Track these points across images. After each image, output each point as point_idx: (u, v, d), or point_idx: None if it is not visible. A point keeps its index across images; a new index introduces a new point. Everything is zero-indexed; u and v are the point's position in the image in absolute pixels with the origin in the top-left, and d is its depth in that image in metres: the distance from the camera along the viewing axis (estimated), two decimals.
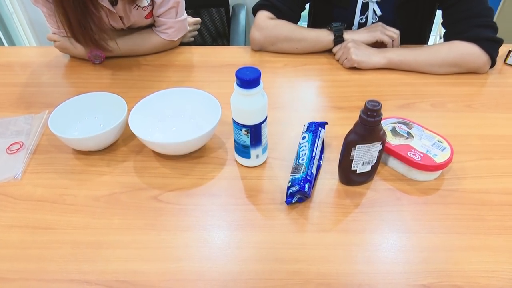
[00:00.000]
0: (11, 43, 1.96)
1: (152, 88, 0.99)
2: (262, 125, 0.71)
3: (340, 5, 1.14)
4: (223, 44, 1.69)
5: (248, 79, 0.65)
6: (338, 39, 1.08)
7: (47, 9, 1.00)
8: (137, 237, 0.65)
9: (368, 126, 0.64)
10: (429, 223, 0.67)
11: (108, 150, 0.82)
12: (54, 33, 1.09)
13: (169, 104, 0.85)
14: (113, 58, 1.12)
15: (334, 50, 1.09)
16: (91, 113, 0.87)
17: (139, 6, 1.05)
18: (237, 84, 0.66)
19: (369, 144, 0.67)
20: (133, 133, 0.75)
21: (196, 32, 1.31)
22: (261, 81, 0.67)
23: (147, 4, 1.06)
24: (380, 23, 1.09)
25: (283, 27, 1.11)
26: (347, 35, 1.08)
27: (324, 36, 1.09)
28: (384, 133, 0.68)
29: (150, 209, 0.70)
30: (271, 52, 1.14)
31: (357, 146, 0.67)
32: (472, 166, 0.77)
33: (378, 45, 1.08)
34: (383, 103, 0.62)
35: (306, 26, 1.35)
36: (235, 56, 1.14)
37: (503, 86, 1.00)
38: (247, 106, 0.68)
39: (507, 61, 1.07)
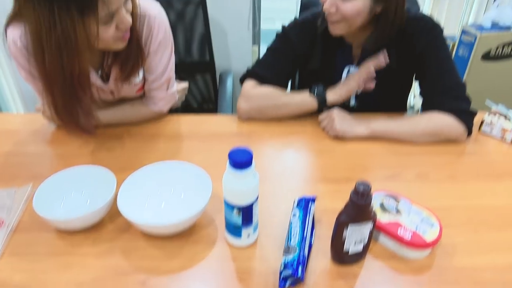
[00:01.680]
0: None
1: (141, 158, 0.99)
2: (254, 205, 0.71)
3: (327, 77, 1.18)
4: (210, 109, 1.72)
5: (241, 161, 0.65)
6: (322, 103, 1.11)
7: (38, 86, 0.99)
8: None
9: (359, 208, 0.65)
10: None
11: (94, 227, 0.80)
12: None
13: (159, 178, 0.85)
14: (100, 128, 1.12)
15: (320, 118, 1.12)
16: (78, 187, 0.85)
17: (131, 82, 1.07)
18: (230, 165, 0.67)
19: (360, 224, 0.67)
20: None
21: (183, 98, 1.33)
22: (253, 161, 0.67)
23: (139, 80, 1.08)
24: (351, 75, 1.13)
25: (267, 94, 1.14)
26: (329, 96, 1.11)
27: (308, 101, 1.12)
28: (375, 213, 0.69)
29: None
30: (258, 120, 1.16)
31: (349, 226, 0.67)
32: (461, 241, 0.78)
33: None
34: (369, 173, 0.64)
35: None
36: (223, 125, 1.16)
37: (480, 155, 1.04)
38: (239, 186, 0.68)
39: (482, 130, 1.12)
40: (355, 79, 1.11)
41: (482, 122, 1.12)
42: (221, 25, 1.89)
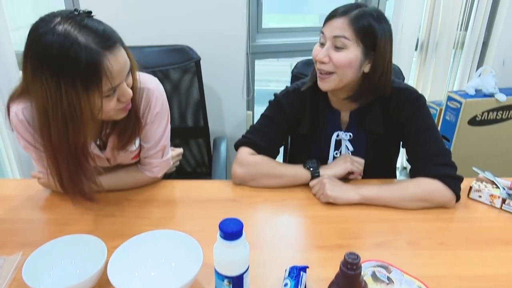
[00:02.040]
0: None
1: (133, 225, 0.99)
2: (244, 275, 0.71)
3: (317, 142, 1.24)
4: (203, 173, 1.75)
5: (231, 231, 0.67)
6: (315, 176, 1.15)
7: (36, 155, 1.03)
8: None
9: (349, 279, 0.66)
10: None
11: None
12: (40, 172, 1.11)
13: (150, 247, 0.85)
14: (96, 193, 1.13)
15: (311, 184, 1.15)
16: (68, 256, 0.85)
17: (127, 150, 1.11)
18: (220, 236, 0.68)
19: None
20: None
21: (178, 163, 1.36)
22: (243, 232, 0.69)
23: (135, 148, 1.12)
24: (347, 155, 1.20)
25: (263, 164, 1.18)
26: (322, 170, 1.16)
27: (302, 174, 1.16)
28: (366, 284, 0.69)
29: None
30: (252, 186, 1.18)
31: None
32: None
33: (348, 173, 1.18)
34: (360, 240, 0.65)
35: (282, 154, 1.45)
36: (216, 190, 1.18)
37: (470, 221, 1.06)
38: (230, 256, 0.69)
39: (470, 196, 1.15)
40: (350, 162, 1.17)
41: (470, 188, 1.15)
42: (216, 92, 1.98)
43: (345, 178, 1.19)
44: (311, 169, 1.15)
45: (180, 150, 1.36)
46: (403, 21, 2.11)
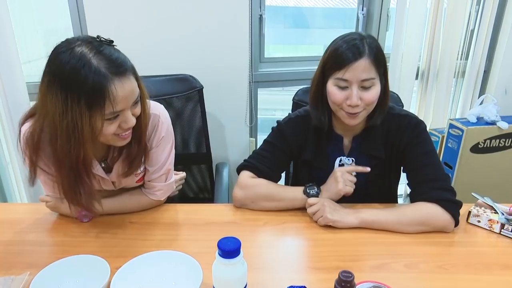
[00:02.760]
0: (3, 196, 2.02)
1: (136, 247, 1.02)
2: None
3: (320, 167, 1.27)
4: (206, 198, 1.78)
5: (229, 249, 0.69)
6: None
7: (44, 177, 1.08)
8: None
9: None
10: None
11: None
12: (47, 195, 1.15)
13: (152, 267, 0.88)
14: (101, 216, 1.17)
15: (310, 202, 1.14)
16: (73, 276, 0.87)
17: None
18: (219, 254, 0.70)
19: None
20: None
21: (180, 187, 1.39)
22: (241, 250, 0.71)
23: (140, 171, 1.16)
24: (339, 169, 1.18)
25: (262, 186, 1.21)
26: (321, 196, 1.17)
27: (300, 199, 1.18)
28: None
29: None
30: (252, 209, 1.21)
31: None
32: None
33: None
34: (358, 263, 0.66)
35: (284, 178, 1.47)
36: (218, 214, 1.21)
37: (469, 246, 1.06)
38: (228, 274, 0.71)
39: (469, 221, 1.16)
40: (342, 182, 1.15)
41: (469, 213, 1.16)
42: (219, 119, 2.03)
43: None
44: (310, 195, 1.17)
45: (183, 174, 1.39)
46: (403, 51, 2.16)
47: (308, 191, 1.17)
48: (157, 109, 1.13)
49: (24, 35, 1.90)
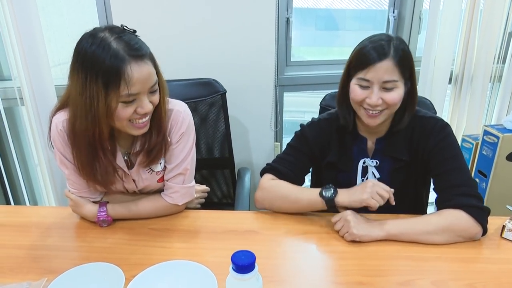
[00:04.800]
0: (33, 198, 2.09)
1: (153, 254, 1.01)
2: None
3: (344, 170, 1.24)
4: (228, 203, 1.76)
5: (243, 264, 0.67)
6: (331, 205, 1.12)
7: (69, 171, 1.11)
8: None
9: None
10: None
11: None
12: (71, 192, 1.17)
13: (166, 277, 0.86)
14: (119, 221, 1.17)
15: (333, 220, 1.11)
16: (88, 283, 0.87)
17: (152, 170, 1.15)
18: (233, 269, 0.68)
19: None
20: None
21: (203, 200, 1.37)
22: (255, 265, 0.68)
23: (161, 169, 1.16)
24: (372, 181, 1.11)
25: (280, 188, 1.19)
26: (339, 197, 1.11)
27: (317, 201, 1.13)
28: None
29: None
30: (273, 214, 1.18)
31: None
32: None
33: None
34: (382, 278, 0.62)
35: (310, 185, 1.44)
36: (238, 221, 1.19)
37: (502, 263, 0.99)
38: None
39: (503, 235, 1.08)
40: (370, 193, 1.08)
41: (503, 227, 1.09)
42: (243, 123, 2.01)
43: (362, 209, 1.12)
44: (326, 197, 1.12)
45: (205, 187, 1.38)
46: (435, 54, 2.08)
47: (324, 193, 1.13)
48: (179, 105, 1.14)
49: (55, 39, 1.96)
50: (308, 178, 1.40)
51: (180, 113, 1.13)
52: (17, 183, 2.03)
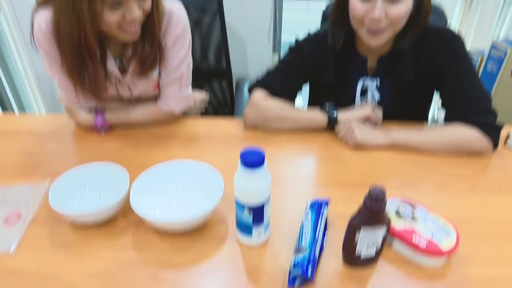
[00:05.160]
0: (21, 107, 2.02)
1: (155, 159, 1.00)
2: (265, 204, 0.70)
3: (342, 90, 1.18)
4: (225, 113, 1.73)
5: (253, 160, 0.65)
6: (332, 121, 1.10)
7: (59, 76, 1.04)
8: None
9: (372, 212, 0.64)
10: None
11: (108, 223, 0.80)
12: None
13: (171, 177, 0.85)
14: (118, 129, 1.14)
15: (337, 130, 1.10)
16: (93, 183, 0.86)
17: (148, 77, 1.10)
18: (241, 164, 0.66)
19: (373, 228, 0.66)
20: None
21: (203, 109, 1.33)
22: (265, 161, 0.67)
23: (156, 76, 1.11)
24: (369, 104, 1.13)
25: (276, 107, 1.12)
26: (340, 114, 1.10)
27: (318, 117, 1.11)
28: (389, 219, 0.67)
29: None
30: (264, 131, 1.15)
31: (361, 229, 0.66)
32: (479, 252, 0.75)
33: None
34: (385, 182, 0.62)
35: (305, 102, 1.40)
36: (239, 128, 1.16)
37: (504, 169, 1.01)
38: (251, 186, 0.67)
39: (507, 144, 1.08)
40: (367, 109, 1.10)
41: (508, 137, 1.08)
42: (240, 33, 1.92)
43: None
44: (328, 111, 1.10)
45: (205, 95, 1.32)
46: None
47: (325, 108, 1.11)
48: (173, 6, 1.05)
49: None
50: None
51: (174, 15, 1.04)
52: (3, 93, 1.94)
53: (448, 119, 1.07)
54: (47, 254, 0.74)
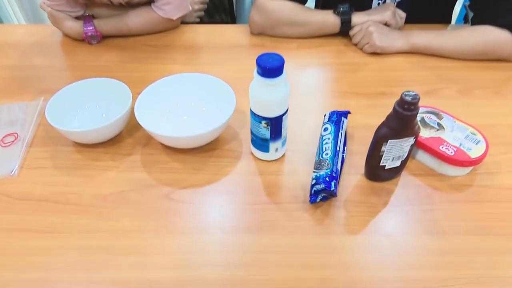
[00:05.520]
0: None
1: (156, 71, 0.92)
2: (284, 117, 0.65)
3: None
4: (224, 20, 1.59)
5: (271, 67, 0.58)
6: (345, 25, 1.00)
7: None
8: (150, 241, 0.60)
9: (403, 121, 0.59)
10: (463, 223, 0.62)
11: (112, 142, 0.75)
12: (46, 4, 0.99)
13: (178, 91, 0.78)
14: (111, 39, 1.04)
15: (352, 33, 1.00)
16: (92, 101, 0.79)
17: None
18: (258, 73, 0.59)
19: (402, 139, 0.61)
20: (139, 123, 0.68)
21: (202, 13, 1.21)
22: (284, 69, 0.60)
23: None
24: (391, 4, 1.01)
25: (285, 9, 1.01)
26: (355, 17, 0.99)
27: (330, 20, 1.00)
28: (419, 128, 0.62)
29: (162, 209, 0.64)
30: (272, 36, 1.05)
31: (389, 141, 0.61)
32: (506, 160, 0.72)
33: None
34: (406, 88, 0.56)
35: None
36: (242, 36, 1.06)
37: None
38: (269, 97, 0.61)
39: None
40: (392, 11, 0.99)
41: None
42: None
43: None
44: (342, 14, 0.99)
45: None
46: None
47: (338, 10, 0.99)
48: None
49: None
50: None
51: None
52: None
53: (476, 20, 0.97)
54: (52, 176, 0.70)
